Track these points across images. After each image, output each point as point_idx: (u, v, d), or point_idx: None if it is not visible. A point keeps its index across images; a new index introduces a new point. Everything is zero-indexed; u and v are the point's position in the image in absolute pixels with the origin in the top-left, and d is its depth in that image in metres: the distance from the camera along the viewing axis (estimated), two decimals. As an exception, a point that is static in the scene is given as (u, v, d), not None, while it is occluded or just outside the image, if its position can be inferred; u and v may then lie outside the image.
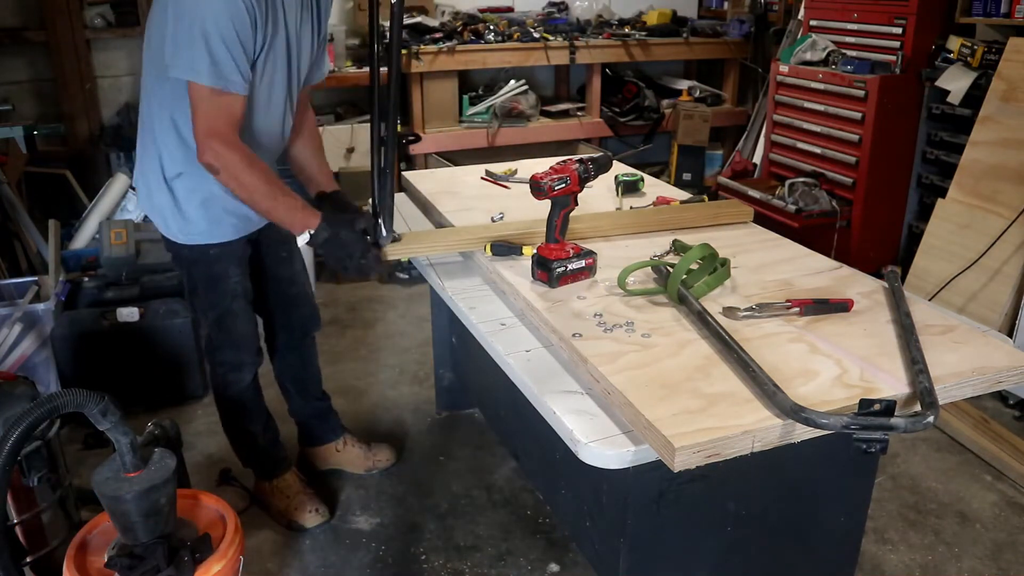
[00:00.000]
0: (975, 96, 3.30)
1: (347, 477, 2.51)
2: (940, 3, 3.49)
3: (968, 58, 3.38)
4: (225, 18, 1.60)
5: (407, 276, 3.95)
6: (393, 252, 1.83)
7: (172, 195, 1.89)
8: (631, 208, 2.17)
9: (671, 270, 1.55)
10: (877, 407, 1.13)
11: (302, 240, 1.80)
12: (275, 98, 1.86)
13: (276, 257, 2.20)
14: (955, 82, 3.38)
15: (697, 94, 4.96)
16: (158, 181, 1.89)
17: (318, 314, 2.39)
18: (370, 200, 1.84)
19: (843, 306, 1.52)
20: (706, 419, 1.16)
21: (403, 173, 2.59)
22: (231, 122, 1.70)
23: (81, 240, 3.63)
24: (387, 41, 1.76)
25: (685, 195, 2.32)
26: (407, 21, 4.32)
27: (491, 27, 4.48)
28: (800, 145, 3.97)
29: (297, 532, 2.26)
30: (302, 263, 2.30)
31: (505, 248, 1.78)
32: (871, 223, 3.70)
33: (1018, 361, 1.36)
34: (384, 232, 1.80)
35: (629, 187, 2.30)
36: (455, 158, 4.29)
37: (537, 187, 1.63)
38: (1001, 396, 2.90)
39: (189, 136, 1.75)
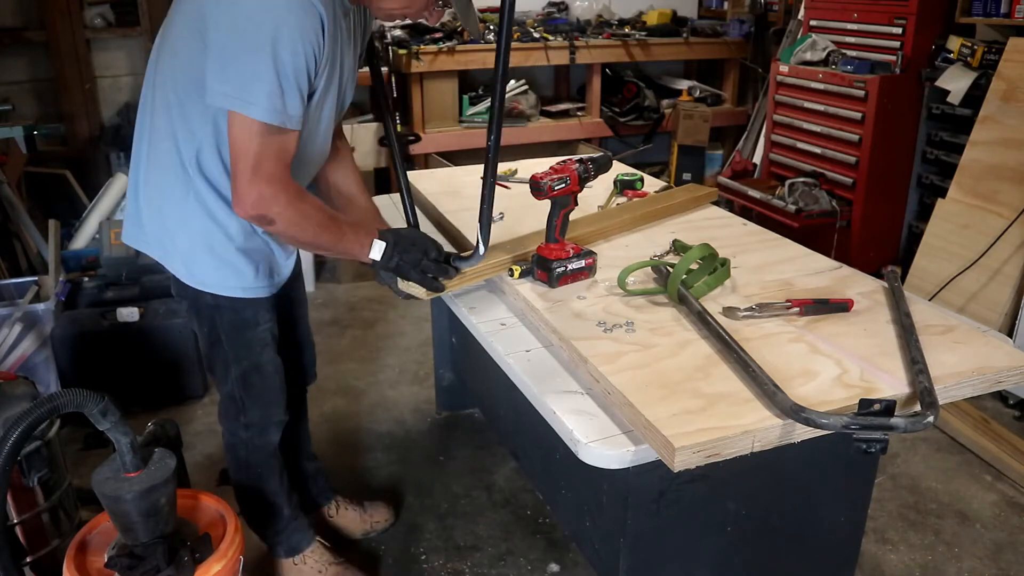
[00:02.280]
0: (975, 96, 3.30)
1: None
2: (940, 3, 3.49)
3: (968, 58, 3.38)
4: (296, 45, 1.39)
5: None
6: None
7: (214, 237, 1.61)
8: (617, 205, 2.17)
9: (671, 270, 1.55)
10: (877, 407, 1.13)
11: (375, 253, 1.61)
12: (323, 124, 1.66)
13: (293, 294, 1.94)
14: (955, 82, 3.38)
15: (697, 94, 4.96)
16: (197, 218, 1.60)
17: (315, 362, 2.15)
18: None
19: (843, 306, 1.52)
20: (706, 419, 1.16)
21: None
22: (285, 162, 1.47)
23: (81, 240, 3.63)
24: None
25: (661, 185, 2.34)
26: (407, 21, 4.32)
27: (491, 27, 4.48)
28: (800, 145, 3.97)
29: None
30: (307, 303, 2.09)
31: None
32: (871, 223, 3.70)
33: (1018, 361, 1.36)
34: (482, 250, 1.61)
35: (627, 187, 2.30)
36: (455, 158, 4.28)
37: (537, 187, 1.63)
38: (1001, 396, 2.90)
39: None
